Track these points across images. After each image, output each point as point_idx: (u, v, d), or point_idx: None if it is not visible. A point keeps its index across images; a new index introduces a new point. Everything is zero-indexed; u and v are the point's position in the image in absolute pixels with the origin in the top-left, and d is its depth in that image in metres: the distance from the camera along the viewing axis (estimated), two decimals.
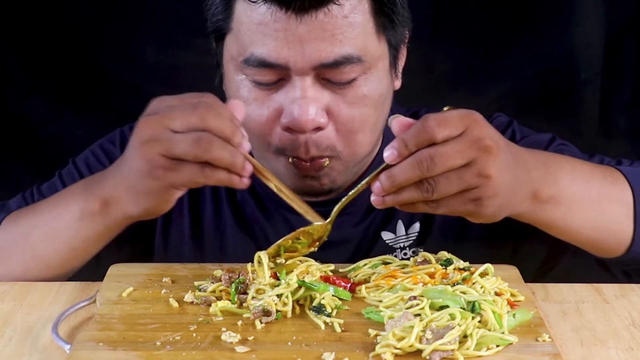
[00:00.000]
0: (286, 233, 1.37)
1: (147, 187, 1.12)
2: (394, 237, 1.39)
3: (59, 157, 1.48)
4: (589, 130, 2.29)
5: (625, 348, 1.07)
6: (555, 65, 2.23)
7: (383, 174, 1.05)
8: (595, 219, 1.20)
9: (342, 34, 1.20)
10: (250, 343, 1.01)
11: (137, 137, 1.10)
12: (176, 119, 1.07)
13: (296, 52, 1.19)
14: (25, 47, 2.19)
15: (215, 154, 1.06)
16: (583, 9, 2.23)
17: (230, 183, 1.10)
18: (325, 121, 1.23)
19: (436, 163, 1.02)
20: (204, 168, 1.07)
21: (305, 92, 1.21)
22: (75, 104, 2.24)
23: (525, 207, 1.13)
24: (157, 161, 1.08)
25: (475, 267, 1.15)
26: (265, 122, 1.25)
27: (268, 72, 1.22)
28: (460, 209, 1.07)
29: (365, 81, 1.24)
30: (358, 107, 1.24)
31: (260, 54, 1.20)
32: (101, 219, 1.20)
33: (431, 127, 1.02)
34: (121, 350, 0.99)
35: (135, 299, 1.13)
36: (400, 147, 1.03)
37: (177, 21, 2.20)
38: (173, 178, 1.09)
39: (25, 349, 1.07)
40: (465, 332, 0.99)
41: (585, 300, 1.20)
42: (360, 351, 0.99)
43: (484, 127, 1.05)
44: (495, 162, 1.04)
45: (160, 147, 1.07)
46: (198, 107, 1.07)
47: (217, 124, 1.07)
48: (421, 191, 1.04)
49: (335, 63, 1.20)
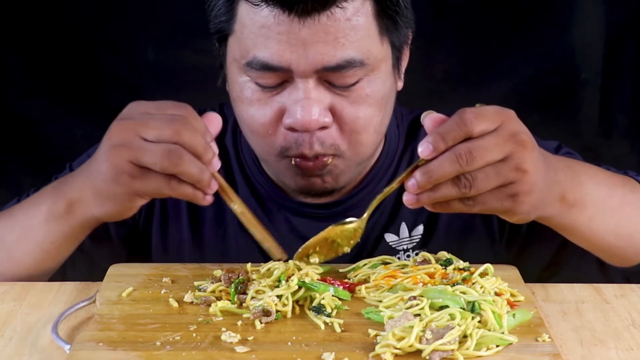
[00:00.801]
0: (288, 233, 1.37)
1: (111, 191, 1.12)
2: (397, 239, 1.39)
3: (58, 157, 1.49)
4: (589, 130, 2.30)
5: (625, 348, 1.07)
6: (555, 65, 2.23)
7: (418, 170, 1.03)
8: (617, 225, 1.19)
9: (344, 37, 1.19)
10: (250, 343, 1.01)
11: (108, 140, 1.10)
12: (150, 128, 1.08)
13: (299, 55, 1.19)
14: (25, 47, 2.19)
15: (183, 168, 1.07)
16: (583, 9, 2.23)
17: (194, 198, 1.10)
18: (329, 120, 1.23)
19: (474, 157, 1.01)
20: (171, 180, 1.08)
21: (309, 94, 1.21)
22: (75, 104, 2.24)
23: (555, 209, 1.12)
24: (124, 167, 1.08)
25: (475, 267, 1.15)
26: (269, 123, 1.25)
27: (271, 75, 1.21)
28: (497, 206, 1.05)
29: (368, 83, 1.24)
30: (361, 107, 1.24)
31: (263, 57, 1.20)
32: (66, 220, 1.21)
33: (469, 119, 1.01)
34: (121, 351, 0.99)
35: (135, 299, 1.13)
36: (437, 141, 1.02)
37: (177, 21, 2.20)
38: (138, 186, 1.10)
39: (25, 349, 1.07)
40: (465, 332, 0.99)
41: (585, 300, 1.20)
42: (360, 351, 0.99)
43: (518, 123, 1.05)
44: (531, 157, 1.04)
45: (130, 154, 1.08)
46: (174, 120, 1.08)
47: (190, 140, 1.07)
48: (459, 187, 1.02)
49: (338, 67, 1.20)
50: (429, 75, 2.16)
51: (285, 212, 1.39)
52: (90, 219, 1.19)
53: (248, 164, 1.40)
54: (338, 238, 1.14)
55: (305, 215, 1.38)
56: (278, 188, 1.39)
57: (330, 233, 1.13)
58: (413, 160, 1.41)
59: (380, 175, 1.39)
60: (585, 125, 2.29)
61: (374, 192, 1.39)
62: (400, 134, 1.42)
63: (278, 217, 1.39)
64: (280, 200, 1.39)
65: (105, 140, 1.11)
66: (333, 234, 1.13)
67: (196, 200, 1.11)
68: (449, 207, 1.06)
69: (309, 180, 1.28)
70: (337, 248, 1.15)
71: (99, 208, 1.15)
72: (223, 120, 1.44)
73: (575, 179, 1.15)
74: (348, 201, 1.38)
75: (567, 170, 1.14)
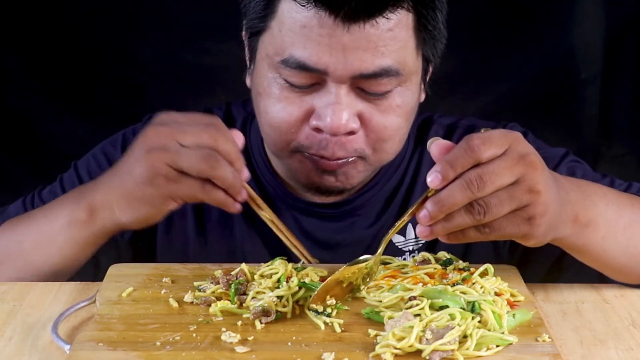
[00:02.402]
0: (296, 232, 1.37)
1: (144, 194, 1.14)
2: (403, 240, 1.39)
3: (59, 157, 1.49)
4: (589, 130, 2.29)
5: (625, 348, 1.07)
6: (555, 65, 2.23)
7: (429, 200, 1.01)
8: (627, 244, 1.19)
9: (384, 47, 1.19)
10: (250, 343, 1.01)
11: (144, 144, 1.13)
12: (187, 134, 1.12)
13: (337, 60, 1.19)
14: (25, 47, 2.19)
15: (219, 172, 1.11)
16: (583, 9, 2.23)
17: (225, 204, 1.15)
18: (357, 126, 1.23)
19: (485, 182, 0.99)
20: (205, 184, 1.12)
21: (340, 99, 1.21)
22: (75, 104, 2.24)
23: (569, 230, 1.11)
24: (161, 170, 1.12)
25: (475, 267, 1.15)
26: (294, 121, 1.25)
27: (305, 76, 1.21)
28: (514, 231, 1.03)
29: (400, 93, 1.24)
30: (390, 117, 1.25)
31: (300, 56, 1.20)
32: (88, 227, 1.22)
33: (477, 146, 0.99)
34: (121, 351, 0.99)
35: (135, 299, 1.13)
36: (445, 169, 1.00)
37: (177, 21, 2.20)
38: (173, 189, 1.13)
39: (25, 349, 1.07)
40: (465, 332, 0.99)
41: (585, 300, 1.20)
42: (360, 351, 0.99)
43: (526, 145, 1.03)
44: (542, 178, 1.02)
45: (167, 157, 1.11)
46: (210, 127, 1.12)
47: (226, 147, 1.12)
48: (472, 214, 1.00)
49: (374, 75, 1.20)
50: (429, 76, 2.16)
51: (294, 212, 1.39)
52: (113, 225, 1.21)
53: (257, 163, 1.40)
54: (353, 278, 1.11)
55: (313, 214, 1.38)
56: (287, 187, 1.39)
57: (344, 273, 1.09)
58: (422, 161, 1.41)
59: (388, 176, 1.40)
60: (585, 125, 2.29)
61: (382, 192, 1.40)
62: (410, 136, 1.42)
63: (286, 217, 1.39)
64: (289, 200, 1.39)
65: (139, 145, 1.15)
66: (347, 274, 1.10)
67: (227, 207, 1.15)
68: (464, 236, 1.03)
69: (322, 177, 1.28)
70: (353, 289, 1.12)
71: (128, 212, 1.18)
72: (231, 119, 1.45)
73: (587, 199, 1.14)
74: (356, 200, 1.39)
75: (577, 190, 1.13)
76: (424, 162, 1.41)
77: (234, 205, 1.15)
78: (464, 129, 1.44)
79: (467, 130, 1.44)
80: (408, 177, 1.41)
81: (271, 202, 1.39)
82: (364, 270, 1.11)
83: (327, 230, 1.39)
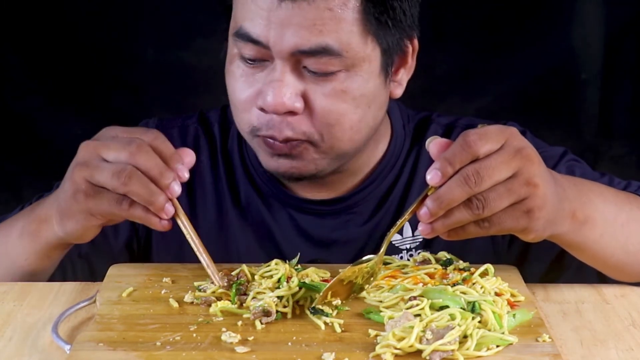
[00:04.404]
0: (292, 232, 1.37)
1: (70, 209, 1.15)
2: (400, 238, 1.39)
3: (59, 157, 1.48)
4: (589, 130, 2.30)
5: (625, 348, 1.07)
6: (555, 65, 2.23)
7: (429, 198, 1.02)
8: (626, 242, 1.19)
9: (322, 25, 1.20)
10: (250, 343, 1.01)
11: (75, 159, 1.14)
12: (110, 149, 1.11)
13: (276, 34, 1.20)
14: (25, 47, 2.20)
15: (132, 187, 1.09)
16: (583, 9, 2.23)
17: (147, 221, 1.12)
18: (300, 106, 1.24)
19: (483, 177, 1.00)
20: (122, 200, 1.10)
21: (283, 76, 1.22)
22: (75, 104, 2.24)
23: (567, 226, 1.11)
24: (81, 185, 1.11)
25: (475, 267, 1.15)
26: (245, 100, 1.26)
27: (253, 48, 1.23)
28: (513, 224, 1.04)
29: (346, 78, 1.24)
30: (334, 101, 1.25)
31: (247, 28, 1.22)
32: (36, 238, 1.23)
33: (473, 141, 1.01)
34: (121, 351, 0.99)
35: (135, 299, 1.13)
36: (444, 166, 1.01)
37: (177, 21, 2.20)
38: (92, 204, 1.12)
39: (25, 349, 1.07)
40: (465, 332, 0.99)
41: (585, 300, 1.20)
42: (360, 351, 0.99)
43: (522, 139, 1.04)
44: (539, 171, 1.03)
45: (87, 172, 1.11)
46: (131, 143, 1.10)
47: (145, 162, 1.09)
48: (472, 209, 1.01)
49: (312, 52, 1.21)
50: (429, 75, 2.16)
51: (289, 209, 1.39)
52: (55, 238, 1.21)
53: (252, 162, 1.40)
54: (356, 278, 1.11)
55: (308, 212, 1.38)
56: (281, 185, 1.39)
57: (348, 273, 1.10)
58: (419, 160, 1.41)
59: (384, 174, 1.40)
60: (585, 125, 2.29)
61: (377, 190, 1.39)
62: (407, 135, 1.43)
63: (281, 214, 1.39)
64: (283, 197, 1.39)
65: (74, 160, 1.15)
66: (350, 274, 1.10)
67: (150, 224, 1.12)
68: (464, 232, 1.04)
69: (277, 161, 1.29)
70: (356, 288, 1.12)
71: (61, 226, 1.18)
72: (226, 121, 1.45)
73: (584, 196, 1.14)
74: (352, 198, 1.38)
75: (574, 188, 1.14)
76: (421, 160, 1.41)
77: (159, 222, 1.12)
78: (463, 128, 1.44)
79: (465, 129, 1.43)
80: (404, 176, 1.41)
81: (265, 200, 1.40)
82: (364, 270, 1.11)
83: (322, 228, 1.39)
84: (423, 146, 1.42)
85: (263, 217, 1.40)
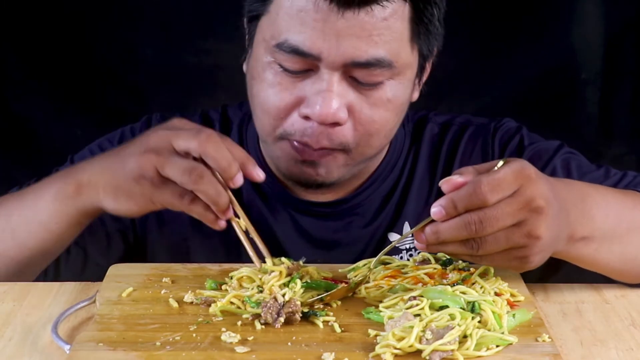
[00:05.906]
0: (293, 232, 1.38)
1: (129, 188, 1.15)
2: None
3: (58, 157, 1.49)
4: (589, 130, 2.29)
5: (625, 348, 1.07)
6: (555, 65, 2.23)
7: (429, 227, 1.02)
8: (622, 251, 1.18)
9: (379, 36, 1.20)
10: (250, 343, 1.01)
11: (143, 143, 1.14)
12: (180, 137, 1.12)
13: (331, 45, 1.19)
14: (25, 47, 2.19)
15: (201, 187, 1.10)
16: (583, 9, 2.23)
17: (205, 219, 1.14)
18: (345, 117, 1.23)
19: (485, 227, 0.99)
20: (185, 195, 1.12)
21: (332, 86, 1.22)
22: (75, 103, 2.24)
23: (561, 247, 1.11)
24: (148, 172, 1.12)
25: (475, 267, 1.15)
26: (284, 107, 1.25)
27: (299, 60, 1.22)
28: (505, 265, 1.05)
29: (392, 86, 1.25)
30: (379, 110, 1.25)
31: (295, 41, 1.20)
32: (73, 201, 1.22)
33: (484, 193, 0.98)
34: (121, 351, 0.99)
35: (135, 299, 1.13)
36: (449, 207, 1.00)
37: (177, 21, 2.20)
38: (155, 193, 1.13)
39: (25, 349, 1.07)
40: (465, 332, 0.99)
41: (585, 300, 1.20)
42: (360, 351, 0.99)
43: (537, 185, 1.01)
44: (546, 223, 1.01)
45: (157, 161, 1.12)
46: (200, 133, 1.12)
47: (215, 152, 1.11)
48: (466, 247, 1.02)
49: (366, 63, 1.21)
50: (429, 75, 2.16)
51: (290, 210, 1.39)
52: (93, 206, 1.21)
53: None
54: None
55: (310, 213, 1.39)
56: (283, 186, 1.39)
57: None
58: (417, 159, 1.42)
59: (385, 175, 1.40)
60: (585, 125, 2.29)
61: (379, 191, 1.40)
62: (406, 135, 1.43)
63: (283, 215, 1.39)
64: (285, 199, 1.39)
65: (140, 141, 1.16)
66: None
67: (208, 222, 1.14)
68: (457, 256, 1.08)
69: (301, 168, 1.28)
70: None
71: (110, 199, 1.18)
72: (227, 121, 1.45)
73: (586, 214, 1.12)
74: (353, 199, 1.39)
75: (579, 205, 1.12)
76: (420, 160, 1.42)
77: (216, 221, 1.14)
78: (459, 126, 1.44)
79: (461, 127, 1.44)
80: (404, 176, 1.41)
81: (267, 201, 1.40)
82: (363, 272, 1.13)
83: (324, 229, 1.39)
84: (421, 145, 1.43)
85: (265, 218, 1.40)
